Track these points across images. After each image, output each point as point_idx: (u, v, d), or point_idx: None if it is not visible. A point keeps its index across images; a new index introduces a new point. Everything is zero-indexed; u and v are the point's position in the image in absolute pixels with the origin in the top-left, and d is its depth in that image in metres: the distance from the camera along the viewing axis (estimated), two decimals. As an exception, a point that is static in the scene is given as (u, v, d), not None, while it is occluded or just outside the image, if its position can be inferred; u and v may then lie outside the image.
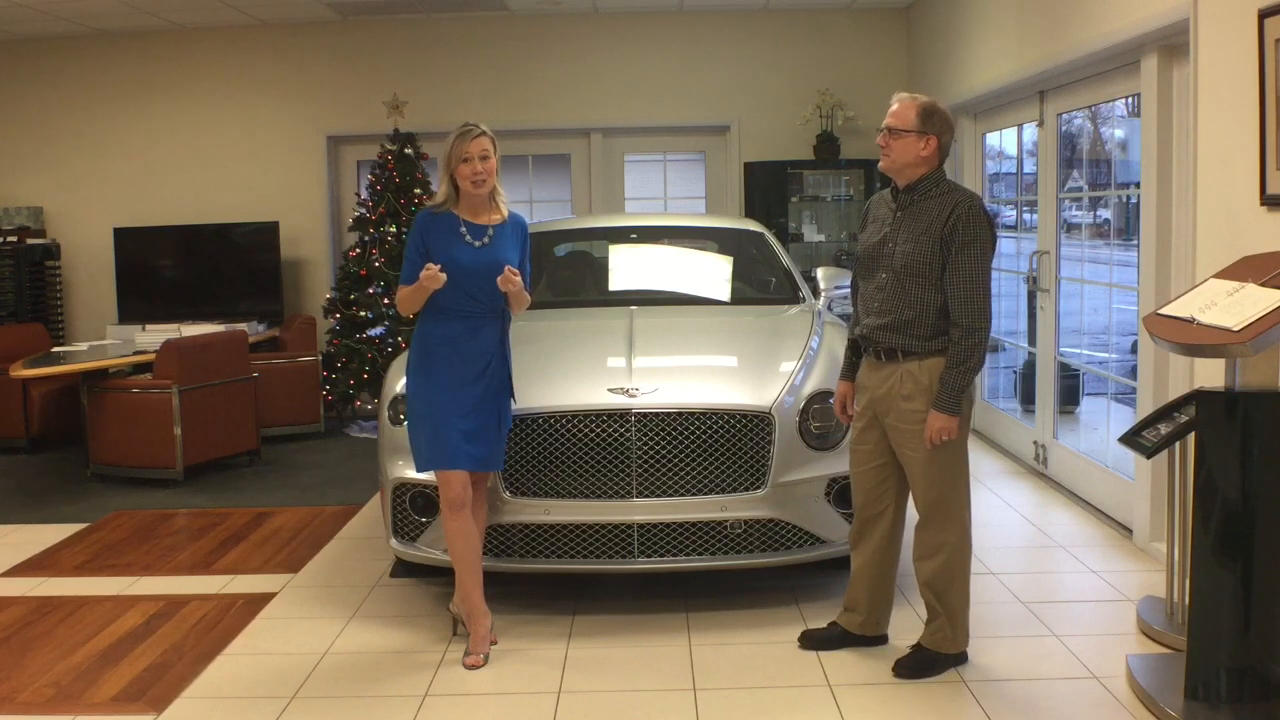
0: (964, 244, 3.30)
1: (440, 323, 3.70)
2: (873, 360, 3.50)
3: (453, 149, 3.67)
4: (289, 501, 5.91)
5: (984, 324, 3.31)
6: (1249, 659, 3.08)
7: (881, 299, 3.43)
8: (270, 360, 7.42)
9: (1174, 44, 4.52)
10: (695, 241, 6.15)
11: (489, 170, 3.71)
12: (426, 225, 3.72)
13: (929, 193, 3.39)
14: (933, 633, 3.53)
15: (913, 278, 3.35)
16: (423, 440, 3.69)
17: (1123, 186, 6.45)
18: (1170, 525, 3.72)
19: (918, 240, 3.35)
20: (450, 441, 3.64)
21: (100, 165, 8.63)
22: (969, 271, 3.30)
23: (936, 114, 3.37)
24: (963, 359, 3.30)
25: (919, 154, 3.36)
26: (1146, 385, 4.73)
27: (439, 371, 3.67)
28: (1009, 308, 7.30)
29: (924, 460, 3.38)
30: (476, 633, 3.72)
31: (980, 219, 3.32)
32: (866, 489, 3.58)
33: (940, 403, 3.30)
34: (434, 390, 3.67)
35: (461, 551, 3.68)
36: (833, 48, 8.48)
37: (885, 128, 3.40)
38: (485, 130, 3.71)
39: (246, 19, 8.25)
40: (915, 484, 3.45)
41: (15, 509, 5.89)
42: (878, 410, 3.48)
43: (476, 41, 8.50)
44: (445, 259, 3.65)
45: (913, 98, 3.41)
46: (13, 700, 3.50)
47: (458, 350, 3.69)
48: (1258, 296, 3.06)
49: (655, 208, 8.88)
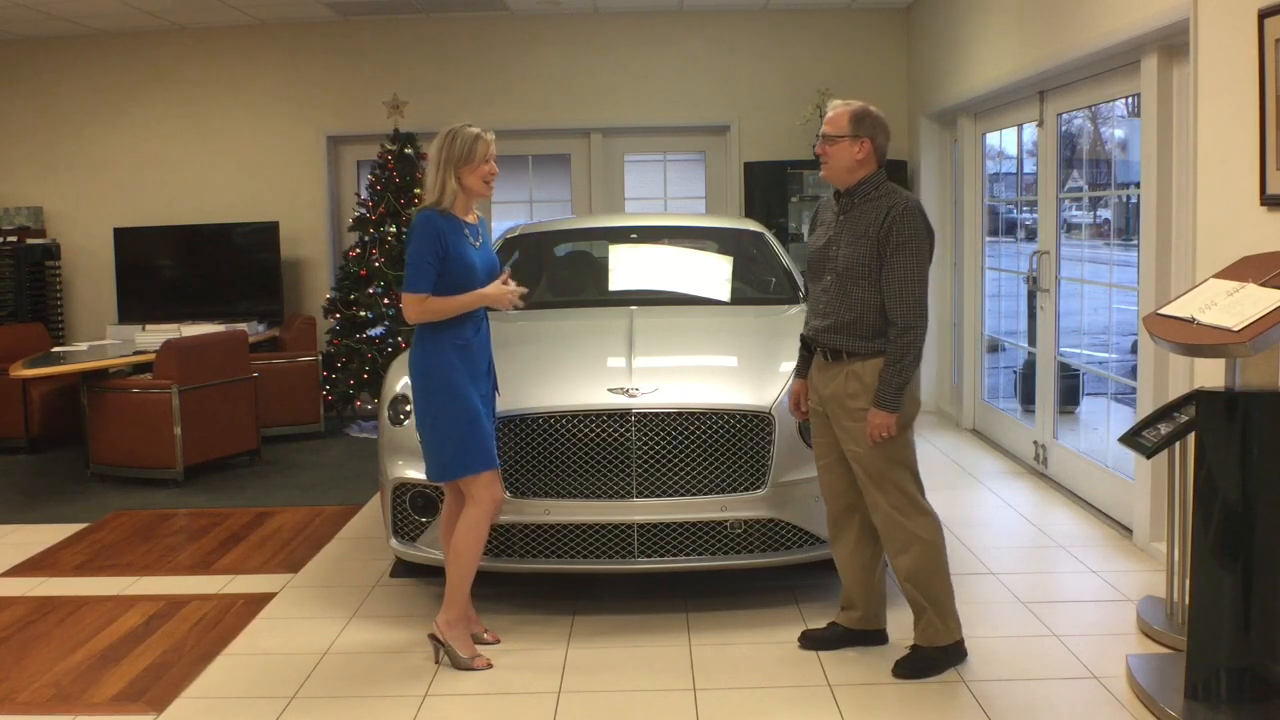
0: (899, 245, 3.38)
1: (455, 327, 3.62)
2: (821, 360, 3.60)
3: (469, 148, 3.61)
4: (289, 501, 5.92)
5: (920, 322, 3.40)
6: (1249, 659, 3.08)
7: (826, 301, 3.53)
8: (270, 360, 7.42)
9: (1174, 44, 4.52)
10: (695, 241, 6.15)
11: (495, 171, 3.72)
12: (442, 226, 3.60)
13: (868, 196, 3.49)
14: (924, 628, 3.55)
15: (854, 279, 3.45)
16: (451, 446, 3.59)
17: (1123, 186, 6.45)
18: (1170, 525, 3.72)
19: (857, 243, 3.45)
20: (487, 441, 3.63)
21: (100, 165, 8.63)
22: (904, 271, 3.38)
23: (868, 118, 3.49)
24: (899, 357, 3.38)
25: (854, 158, 3.47)
26: (1146, 385, 4.73)
27: (459, 375, 3.61)
28: (1009, 308, 7.31)
29: (869, 458, 3.45)
30: (470, 636, 3.73)
31: (915, 220, 3.41)
32: (831, 483, 3.66)
33: (879, 399, 3.39)
34: (457, 394, 3.59)
35: (479, 555, 3.68)
36: (833, 48, 8.48)
37: (821, 135, 3.53)
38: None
39: (246, 19, 8.25)
40: (865, 484, 3.50)
41: (15, 509, 5.89)
42: (828, 409, 3.56)
43: (476, 41, 8.50)
44: (461, 261, 3.60)
45: (846, 104, 3.54)
46: (13, 700, 3.50)
47: (471, 353, 3.66)
48: (1258, 296, 3.06)
49: (655, 208, 8.88)
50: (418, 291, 3.56)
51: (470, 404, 3.61)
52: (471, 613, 3.83)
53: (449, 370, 3.60)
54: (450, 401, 3.59)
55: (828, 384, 3.54)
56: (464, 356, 3.63)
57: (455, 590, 3.67)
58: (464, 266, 3.60)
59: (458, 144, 3.63)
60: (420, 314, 3.58)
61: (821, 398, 3.58)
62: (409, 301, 3.58)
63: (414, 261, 3.57)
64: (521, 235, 5.87)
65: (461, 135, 3.64)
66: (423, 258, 3.55)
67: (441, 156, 3.63)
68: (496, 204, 8.86)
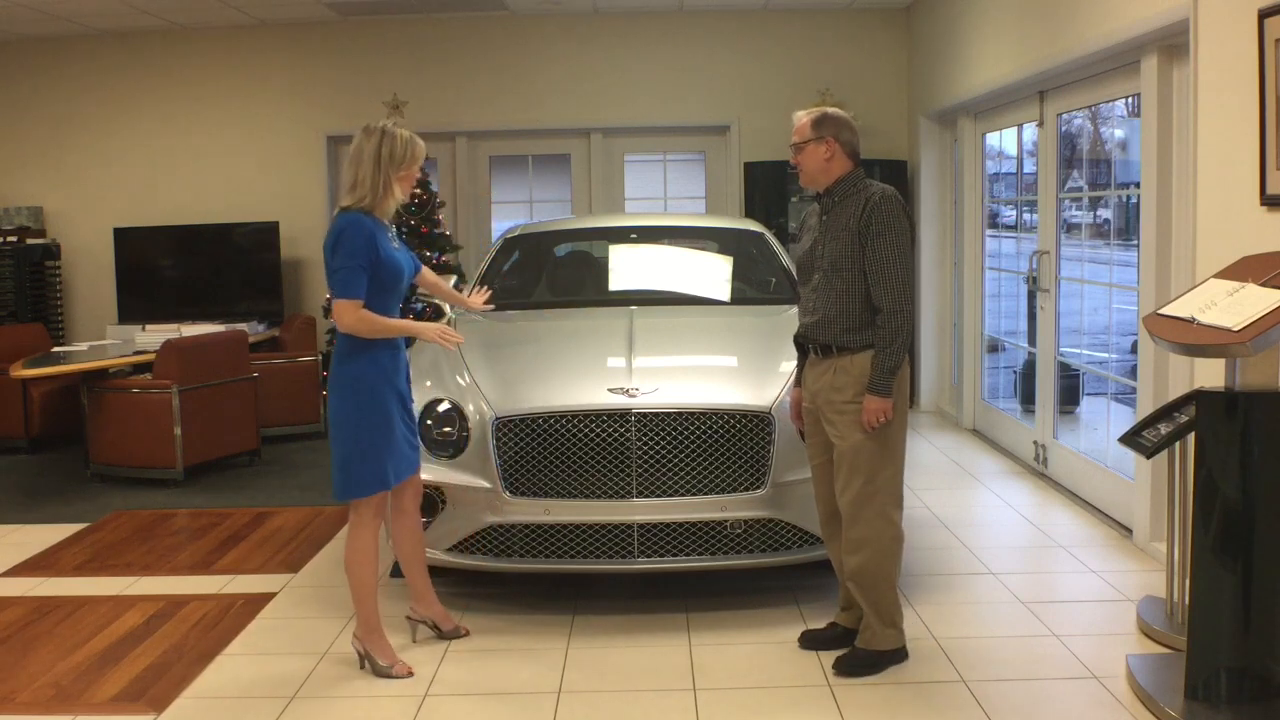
0: (878, 233, 3.44)
1: (385, 340, 3.55)
2: (812, 358, 3.63)
3: (408, 151, 3.53)
4: (289, 501, 5.92)
5: (905, 306, 3.44)
6: (1249, 659, 3.08)
7: (814, 299, 3.58)
8: (270, 360, 7.41)
9: (1174, 44, 4.52)
10: (695, 241, 6.16)
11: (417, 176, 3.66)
12: (371, 228, 3.48)
13: (847, 193, 3.55)
14: (863, 630, 3.58)
15: (838, 274, 3.50)
16: (368, 461, 3.50)
17: (1123, 186, 6.44)
18: (1170, 525, 3.72)
19: (838, 238, 3.51)
20: (404, 451, 3.60)
21: (100, 165, 8.64)
22: (886, 257, 3.44)
23: (827, 118, 3.57)
24: (888, 341, 3.43)
25: (823, 158, 3.54)
26: (1146, 385, 4.73)
27: (388, 385, 3.54)
28: (1009, 308, 7.31)
29: (850, 453, 3.47)
30: (388, 644, 3.69)
31: (893, 208, 3.47)
32: (824, 483, 3.67)
33: (872, 385, 3.43)
34: (389, 406, 3.54)
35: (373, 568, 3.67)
36: (833, 48, 8.48)
37: (791, 146, 3.61)
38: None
39: (246, 19, 8.25)
40: (838, 478, 3.52)
41: (15, 509, 5.89)
42: (818, 404, 3.58)
43: (476, 41, 8.50)
44: (391, 263, 3.52)
45: (806, 112, 3.64)
46: (13, 700, 3.50)
47: (398, 357, 3.61)
48: (1258, 296, 3.06)
49: (655, 208, 8.88)
50: (354, 297, 3.44)
51: (392, 424, 3.55)
52: (438, 609, 3.88)
53: (379, 388, 3.52)
54: (376, 414, 3.51)
55: (817, 379, 3.57)
56: (393, 370, 3.57)
57: (358, 606, 3.63)
58: (392, 268, 3.53)
59: (397, 145, 3.52)
60: (355, 321, 3.45)
61: (812, 394, 3.61)
62: (345, 308, 3.44)
63: (346, 266, 3.43)
64: (521, 235, 5.87)
65: (399, 136, 3.53)
66: (355, 261, 3.43)
67: (380, 155, 3.50)
68: (496, 204, 8.88)
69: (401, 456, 3.60)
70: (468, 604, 4.20)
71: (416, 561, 3.86)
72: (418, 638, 3.88)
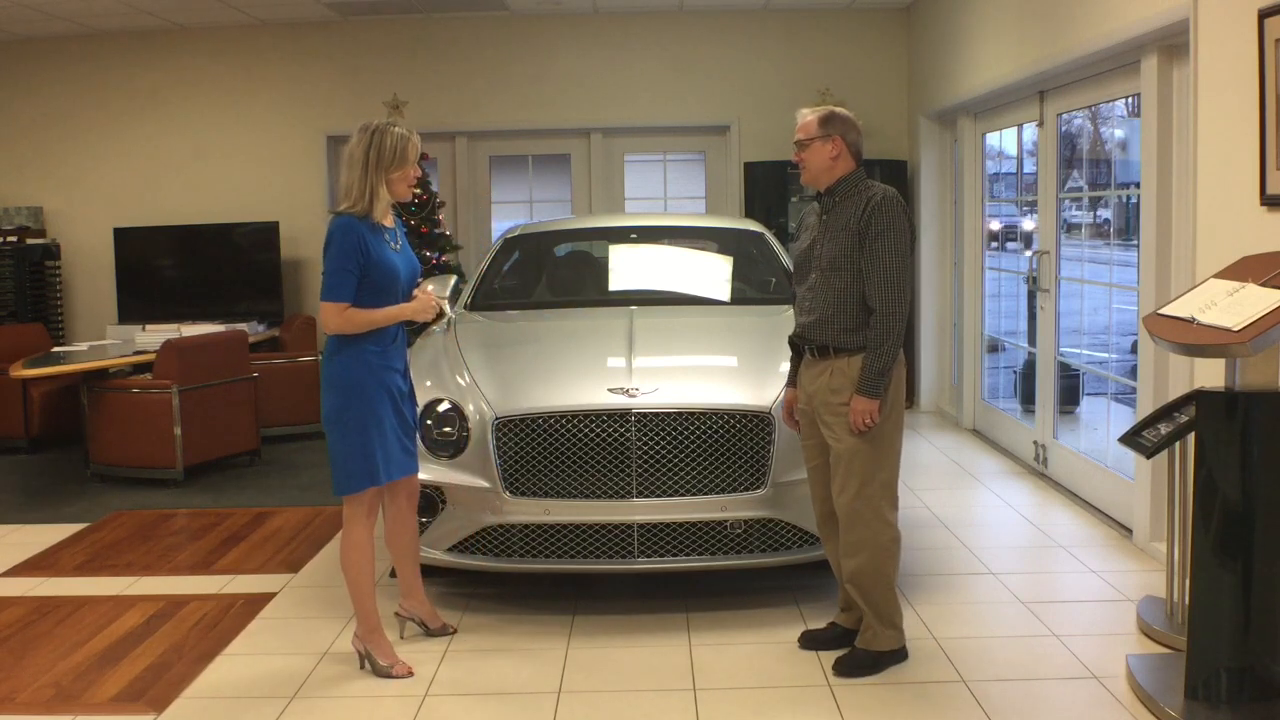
0: (878, 234, 3.44)
1: (373, 337, 3.53)
2: (808, 358, 3.63)
3: (401, 151, 3.51)
4: (289, 501, 5.92)
5: (900, 309, 3.43)
6: (1249, 659, 3.08)
7: (811, 298, 3.58)
8: (270, 360, 7.41)
9: (1174, 44, 4.52)
10: (695, 241, 6.15)
11: (419, 174, 3.64)
12: (363, 233, 3.47)
13: (848, 192, 3.54)
14: (864, 631, 3.58)
15: (835, 273, 3.50)
16: (372, 453, 3.51)
17: (1123, 186, 6.45)
18: (1170, 525, 3.72)
19: (837, 238, 3.50)
20: (396, 450, 3.59)
21: (100, 165, 8.63)
22: (884, 259, 3.43)
23: (834, 117, 3.57)
24: (879, 342, 3.42)
25: (828, 156, 3.53)
26: (1146, 385, 4.73)
27: (376, 381, 3.53)
28: (1009, 308, 7.31)
29: (847, 455, 3.46)
30: (389, 644, 3.71)
31: (894, 210, 3.46)
32: (820, 484, 3.66)
33: (860, 385, 3.42)
34: (378, 402, 3.53)
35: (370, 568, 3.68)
36: (833, 48, 8.48)
37: (795, 143, 3.59)
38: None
39: (246, 19, 8.25)
40: (835, 480, 3.52)
41: (15, 509, 5.89)
42: (814, 406, 3.58)
43: (476, 41, 8.50)
44: (383, 266, 3.51)
45: (812, 110, 3.63)
46: (13, 700, 3.50)
47: (387, 354, 3.59)
48: (1258, 296, 3.06)
49: (655, 208, 8.88)
50: (338, 301, 3.45)
51: (381, 414, 3.54)
52: (427, 607, 3.90)
53: (366, 383, 3.51)
54: (364, 411, 3.51)
55: (814, 380, 3.57)
56: (382, 366, 3.55)
57: (356, 605, 3.65)
58: (386, 271, 3.52)
59: (387, 146, 3.50)
60: (340, 324, 3.47)
61: (808, 394, 3.61)
62: (328, 310, 3.46)
63: (333, 270, 3.44)
64: (521, 235, 5.87)
65: (390, 136, 3.51)
66: (343, 266, 3.44)
67: (369, 159, 3.49)
68: (496, 204, 8.88)
69: (394, 453, 3.59)
70: (467, 604, 4.20)
71: (409, 558, 3.87)
72: (405, 634, 3.89)
